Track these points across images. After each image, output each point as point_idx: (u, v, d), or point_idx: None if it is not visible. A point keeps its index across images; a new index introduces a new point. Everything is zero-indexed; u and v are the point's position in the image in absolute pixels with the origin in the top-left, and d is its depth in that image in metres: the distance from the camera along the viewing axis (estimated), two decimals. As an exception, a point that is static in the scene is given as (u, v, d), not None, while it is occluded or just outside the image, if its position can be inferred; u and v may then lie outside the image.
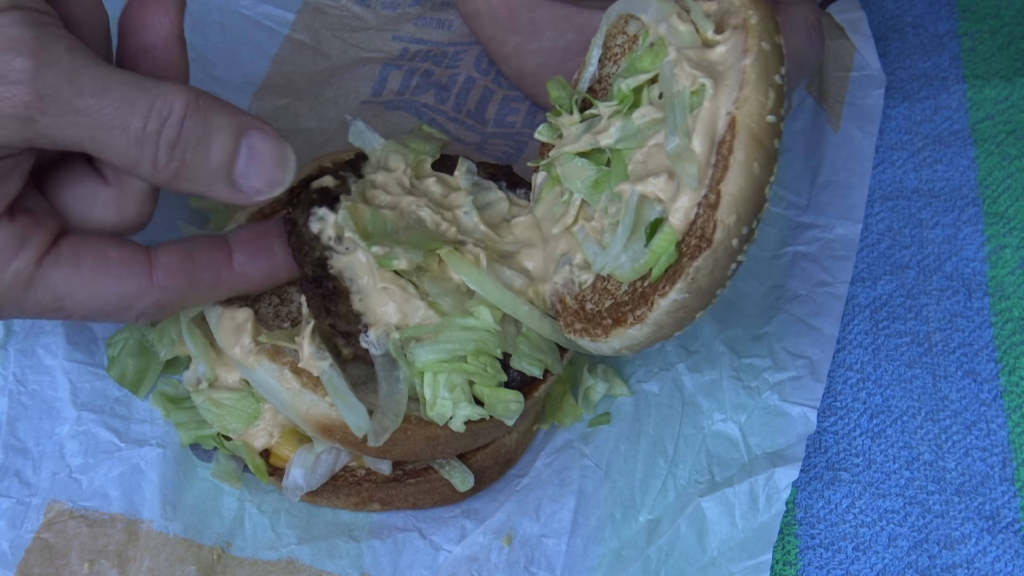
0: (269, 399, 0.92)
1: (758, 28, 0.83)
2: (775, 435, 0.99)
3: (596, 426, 1.01)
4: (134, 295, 0.84)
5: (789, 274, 1.10)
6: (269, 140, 0.83)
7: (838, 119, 1.20)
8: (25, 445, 0.98)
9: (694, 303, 0.83)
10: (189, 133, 0.79)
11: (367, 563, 0.95)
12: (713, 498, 0.95)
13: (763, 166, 0.81)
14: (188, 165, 0.80)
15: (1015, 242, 1.14)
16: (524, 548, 0.95)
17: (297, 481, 0.93)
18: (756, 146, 0.80)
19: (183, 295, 0.85)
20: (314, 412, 0.89)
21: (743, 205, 0.80)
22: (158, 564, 0.93)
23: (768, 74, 0.82)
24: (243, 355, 0.90)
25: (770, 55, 0.82)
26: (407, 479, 0.96)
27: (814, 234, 1.13)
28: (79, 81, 0.76)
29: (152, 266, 0.84)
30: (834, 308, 1.08)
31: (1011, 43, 1.29)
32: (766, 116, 0.81)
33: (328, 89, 1.24)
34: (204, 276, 0.86)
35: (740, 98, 0.81)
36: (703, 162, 0.82)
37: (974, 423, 1.04)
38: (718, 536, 0.94)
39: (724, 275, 0.83)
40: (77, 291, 0.82)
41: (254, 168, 0.82)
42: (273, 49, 1.26)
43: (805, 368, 1.03)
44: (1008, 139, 1.21)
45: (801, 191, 1.17)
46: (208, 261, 0.86)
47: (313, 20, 1.28)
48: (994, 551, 0.97)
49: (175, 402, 0.99)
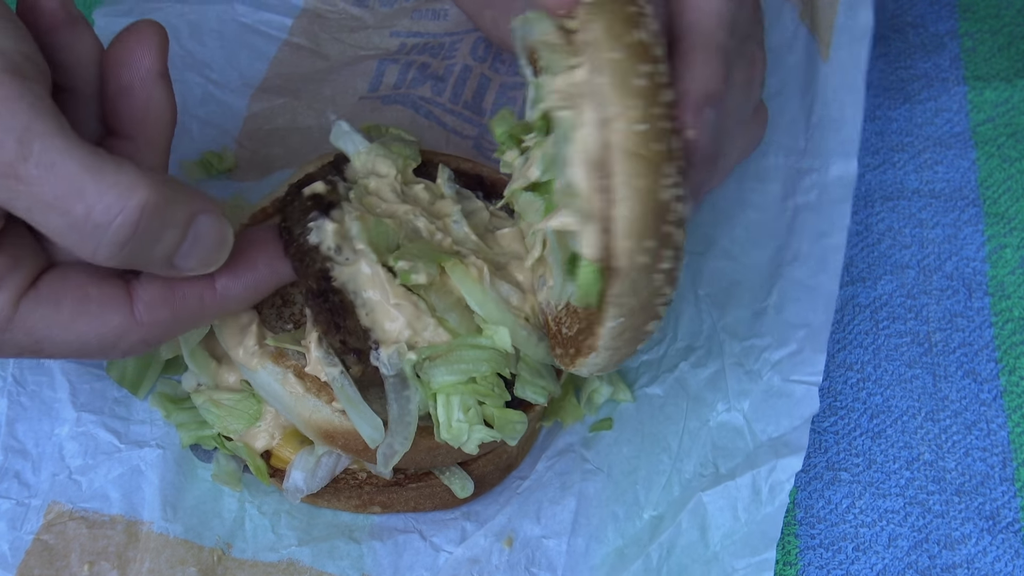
0: (271, 402, 0.92)
1: (603, 39, 0.79)
2: (779, 418, 0.98)
3: (598, 431, 1.01)
4: (116, 334, 0.81)
5: (791, 231, 1.09)
6: (214, 224, 0.79)
7: (827, 47, 1.16)
8: (24, 446, 0.98)
9: (635, 321, 0.83)
10: (142, 234, 0.74)
11: (368, 564, 0.95)
12: (714, 492, 0.94)
13: (647, 175, 0.78)
14: (131, 257, 0.76)
15: (1015, 242, 1.14)
16: (525, 549, 0.95)
17: (298, 483, 0.93)
18: (632, 161, 0.78)
19: (167, 328, 0.83)
20: (317, 417, 0.89)
21: (637, 224, 0.78)
22: (158, 565, 0.93)
23: (625, 83, 0.78)
24: (246, 357, 0.89)
25: (622, 61, 0.79)
26: (408, 483, 0.96)
27: (812, 180, 1.11)
28: (29, 146, 0.70)
29: (133, 302, 0.81)
30: (833, 262, 1.05)
31: (1012, 43, 1.29)
32: (633, 127, 0.78)
33: (326, 87, 1.24)
34: (187, 305, 0.83)
35: (604, 118, 0.78)
36: (587, 193, 0.80)
37: (974, 423, 1.04)
38: (721, 530, 0.93)
39: (653, 288, 0.82)
40: (56, 332, 0.79)
41: (195, 251, 0.79)
42: (271, 52, 1.26)
43: (806, 339, 1.01)
44: (1009, 141, 1.21)
45: (798, 134, 1.14)
46: (189, 288, 0.83)
47: (311, 24, 1.28)
48: (994, 551, 0.97)
49: (175, 402, 0.99)
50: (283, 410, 0.91)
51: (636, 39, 0.80)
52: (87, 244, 0.74)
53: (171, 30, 1.25)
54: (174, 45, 1.22)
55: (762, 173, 1.13)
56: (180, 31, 1.25)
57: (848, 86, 1.14)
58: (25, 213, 0.73)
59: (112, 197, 0.72)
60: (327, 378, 0.87)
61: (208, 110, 1.21)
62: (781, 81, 1.17)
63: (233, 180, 1.16)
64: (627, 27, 0.80)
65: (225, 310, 0.86)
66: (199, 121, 1.20)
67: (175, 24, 1.25)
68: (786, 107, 1.16)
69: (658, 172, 0.79)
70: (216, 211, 0.79)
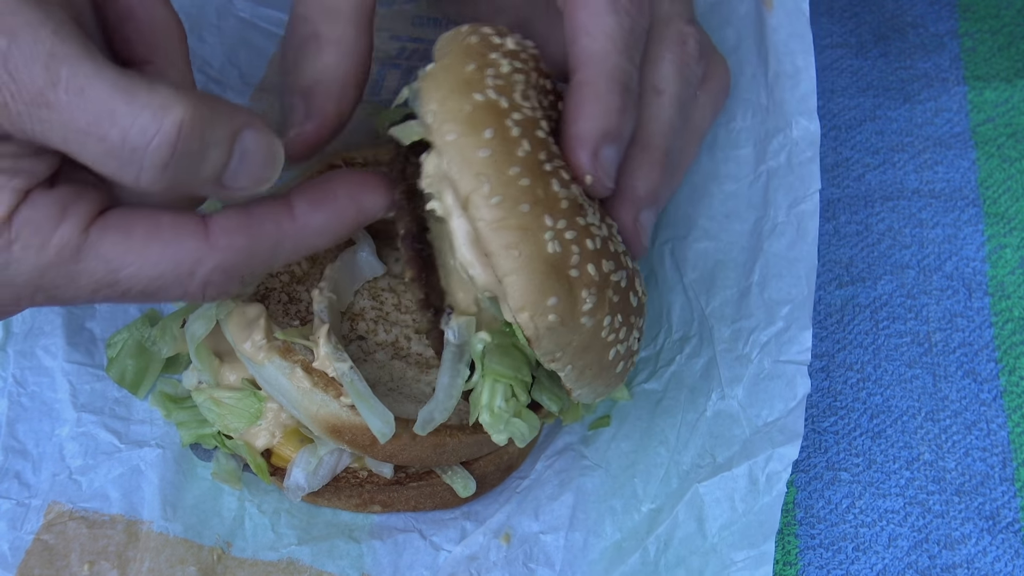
0: (276, 397, 0.92)
1: (436, 123, 0.79)
2: (772, 401, 0.96)
3: (596, 428, 1.01)
4: (193, 260, 0.77)
5: (765, 200, 1.06)
6: (262, 139, 0.77)
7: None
8: (25, 447, 0.98)
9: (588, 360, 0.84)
10: (182, 155, 0.71)
11: (367, 563, 0.95)
12: (711, 483, 0.93)
13: (521, 242, 0.78)
14: (176, 180, 0.73)
15: (1015, 242, 1.14)
16: (523, 545, 0.95)
17: (299, 481, 0.93)
18: (499, 235, 0.78)
19: (246, 255, 0.78)
20: (324, 413, 0.88)
21: (529, 293, 0.78)
22: (158, 565, 0.93)
23: (468, 160, 0.78)
24: (253, 351, 0.89)
25: (460, 139, 0.78)
26: (409, 482, 0.96)
27: (779, 141, 1.07)
28: (56, 72, 0.68)
29: (208, 228, 0.77)
30: (809, 230, 1.02)
31: (1012, 44, 1.29)
32: (490, 201, 0.77)
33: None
34: (265, 230, 0.78)
35: (461, 201, 0.78)
36: (480, 272, 0.80)
37: (974, 423, 1.04)
38: (718, 521, 0.92)
39: (583, 330, 0.82)
40: (130, 260, 0.75)
41: (244, 168, 0.76)
42: (270, 50, 1.26)
43: (791, 315, 0.99)
44: (1009, 142, 1.21)
45: (759, 89, 1.10)
46: (266, 213, 0.79)
47: None
48: (994, 551, 0.98)
49: (176, 401, 0.99)
50: (289, 405, 0.90)
51: (474, 105, 0.79)
52: (129, 170, 0.71)
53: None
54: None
55: (733, 137, 1.09)
56: None
57: (796, 35, 1.08)
58: (62, 144, 0.70)
59: (146, 118, 0.69)
60: (336, 373, 0.87)
61: (208, 109, 1.20)
62: (737, 34, 1.12)
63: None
64: (463, 95, 0.80)
65: (305, 242, 0.81)
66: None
67: None
68: (746, 62, 1.11)
69: (535, 232, 0.78)
70: (261, 125, 0.76)
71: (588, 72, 0.84)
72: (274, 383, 0.90)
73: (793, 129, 1.06)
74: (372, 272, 0.98)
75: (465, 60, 0.81)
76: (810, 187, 1.03)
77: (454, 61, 0.81)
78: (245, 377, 0.96)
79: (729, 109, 1.10)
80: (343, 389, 0.87)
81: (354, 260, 0.97)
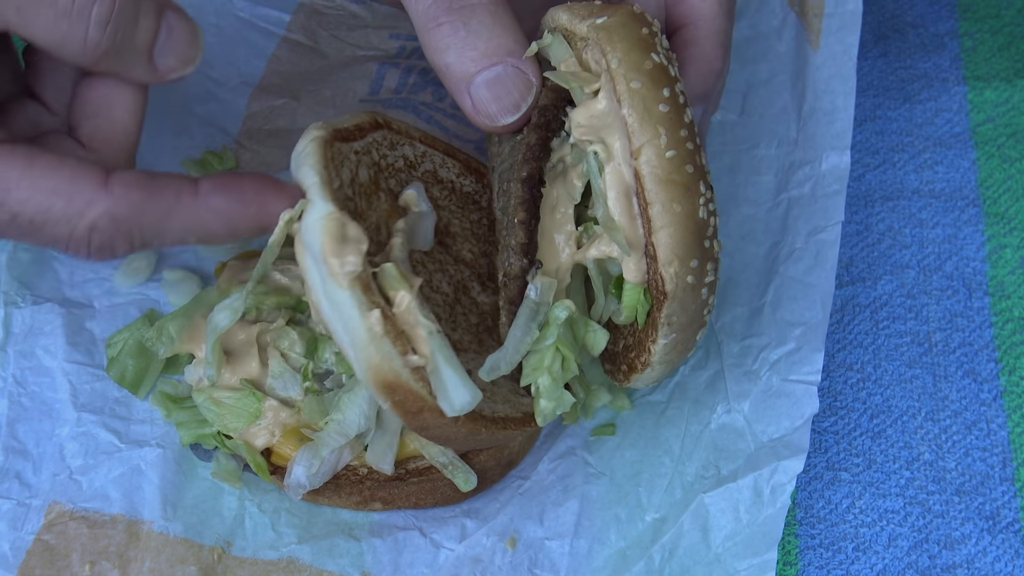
0: (335, 332, 0.85)
1: (622, 69, 0.81)
2: (779, 418, 0.98)
3: (599, 435, 1.01)
4: (86, 199, 0.79)
5: (784, 227, 1.09)
6: (183, 18, 0.84)
7: (818, 36, 1.16)
8: (25, 447, 0.98)
9: (686, 335, 0.86)
10: (122, 10, 0.78)
11: (368, 562, 0.95)
12: (716, 494, 0.94)
13: (683, 200, 0.81)
14: (117, 42, 0.80)
15: (1015, 242, 1.14)
16: (528, 551, 0.95)
17: (299, 479, 0.93)
18: (667, 188, 0.80)
19: (138, 211, 0.80)
20: (386, 366, 0.83)
21: (680, 248, 0.81)
22: (159, 565, 0.93)
23: (650, 111, 0.80)
24: (339, 271, 0.82)
25: (644, 90, 0.81)
26: (409, 478, 0.96)
27: (805, 173, 1.11)
28: None
29: (108, 177, 0.80)
30: (828, 258, 1.06)
31: (1012, 43, 1.29)
32: (665, 154, 0.80)
33: (325, 88, 1.23)
34: (163, 193, 0.81)
35: (633, 149, 0.81)
36: (627, 222, 0.83)
37: (974, 423, 1.04)
38: (722, 532, 0.93)
39: (701, 303, 0.84)
40: (25, 184, 0.78)
41: (171, 45, 0.83)
42: (269, 50, 1.26)
43: (803, 337, 1.01)
44: (1009, 142, 1.21)
45: (790, 123, 1.14)
46: (170, 181, 0.82)
47: (309, 20, 1.28)
48: (994, 551, 0.98)
49: (175, 401, 0.99)
50: (347, 343, 0.84)
51: (654, 64, 0.82)
52: (76, 32, 0.78)
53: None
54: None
55: (755, 164, 1.13)
56: None
57: (839, 76, 1.14)
58: (16, 15, 0.76)
59: None
60: (424, 331, 0.83)
61: (208, 109, 1.20)
62: (771, 69, 1.17)
63: (233, 179, 1.15)
64: (644, 52, 0.82)
65: (200, 218, 0.83)
66: (199, 119, 1.19)
67: None
68: (777, 96, 1.16)
69: (694, 194, 0.81)
70: (181, 11, 0.84)
71: (695, 32, 0.89)
72: (343, 315, 0.83)
73: (822, 163, 1.10)
74: (424, 244, 0.95)
75: (637, 23, 0.84)
76: (832, 218, 1.07)
77: (628, 20, 0.84)
78: (244, 377, 0.96)
79: (753, 135, 1.13)
80: (411, 347, 0.83)
81: (418, 225, 0.94)
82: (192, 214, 0.82)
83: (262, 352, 0.97)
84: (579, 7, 0.87)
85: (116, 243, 0.82)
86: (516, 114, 0.86)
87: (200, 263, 1.09)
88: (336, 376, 0.96)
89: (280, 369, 0.96)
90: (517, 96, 0.86)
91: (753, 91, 1.16)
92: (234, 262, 1.03)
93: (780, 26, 1.19)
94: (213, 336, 0.93)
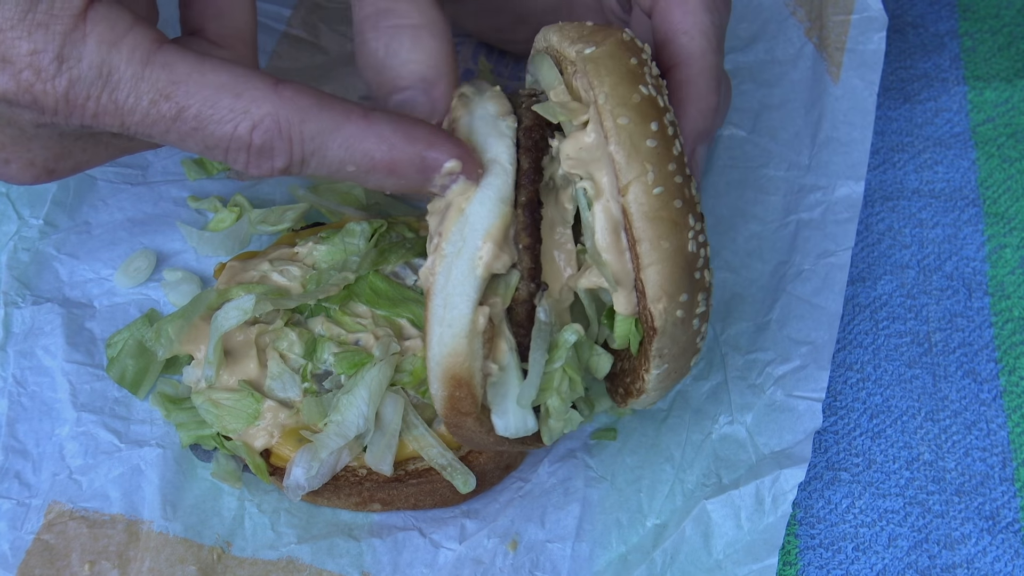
0: (432, 305, 0.84)
1: (608, 105, 0.80)
2: (782, 432, 0.99)
3: (600, 439, 1.01)
4: (253, 96, 0.78)
5: (792, 247, 1.10)
6: None
7: (839, 69, 1.17)
8: (25, 447, 0.98)
9: (678, 364, 0.85)
10: None
11: (367, 562, 0.95)
12: (718, 500, 0.95)
13: (671, 236, 0.80)
14: None
15: (1015, 242, 1.14)
16: (529, 553, 0.95)
17: (298, 480, 0.93)
18: (655, 225, 0.80)
19: (306, 118, 0.79)
20: (466, 361, 0.83)
21: (669, 284, 0.81)
22: (158, 564, 0.93)
23: (637, 148, 0.80)
24: (488, 258, 0.82)
25: (631, 125, 0.80)
26: (408, 479, 0.96)
27: (816, 198, 1.12)
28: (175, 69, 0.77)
29: (279, 83, 0.79)
30: (837, 281, 1.06)
31: (1011, 43, 1.29)
32: (652, 191, 0.80)
33: (326, 84, 1.24)
34: (334, 106, 0.79)
35: (620, 186, 0.80)
36: (614, 258, 0.82)
37: (974, 423, 1.04)
38: (724, 539, 0.94)
39: (692, 333, 0.84)
40: (194, 79, 0.78)
41: None
42: (270, 46, 1.26)
43: (809, 355, 1.02)
44: (1008, 141, 1.21)
45: (802, 149, 1.15)
46: (341, 102, 0.80)
47: (310, 15, 1.28)
48: (994, 551, 0.98)
49: (175, 402, 0.99)
50: (438, 322, 0.83)
51: (642, 97, 0.81)
52: None
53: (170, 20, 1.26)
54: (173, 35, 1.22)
55: (763, 183, 1.14)
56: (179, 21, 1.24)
57: (859, 110, 1.15)
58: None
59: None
60: (506, 346, 0.84)
61: (208, 108, 1.20)
62: (784, 94, 1.18)
63: (233, 180, 1.15)
64: (631, 86, 0.81)
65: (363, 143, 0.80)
66: (199, 119, 1.19)
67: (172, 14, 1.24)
68: (789, 121, 1.17)
69: (682, 228, 0.81)
70: None
71: (687, 71, 0.88)
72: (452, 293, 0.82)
73: (836, 190, 1.11)
74: None
75: (626, 52, 0.83)
76: (843, 244, 1.08)
77: (616, 51, 0.83)
78: (243, 378, 0.96)
79: (763, 155, 1.14)
80: (493, 357, 0.84)
81: None
82: (359, 134, 0.80)
83: (261, 353, 0.97)
84: (570, 29, 0.86)
85: (277, 148, 0.79)
86: None
87: (200, 264, 1.09)
88: (335, 377, 0.97)
89: (279, 370, 0.96)
90: None
91: (765, 112, 1.17)
92: (233, 263, 1.03)
93: (796, 55, 1.20)
94: (217, 334, 0.93)
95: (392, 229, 1.05)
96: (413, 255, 1.02)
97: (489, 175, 0.83)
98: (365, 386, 0.93)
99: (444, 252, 0.82)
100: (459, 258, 0.82)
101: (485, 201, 0.82)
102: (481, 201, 0.82)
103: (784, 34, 1.21)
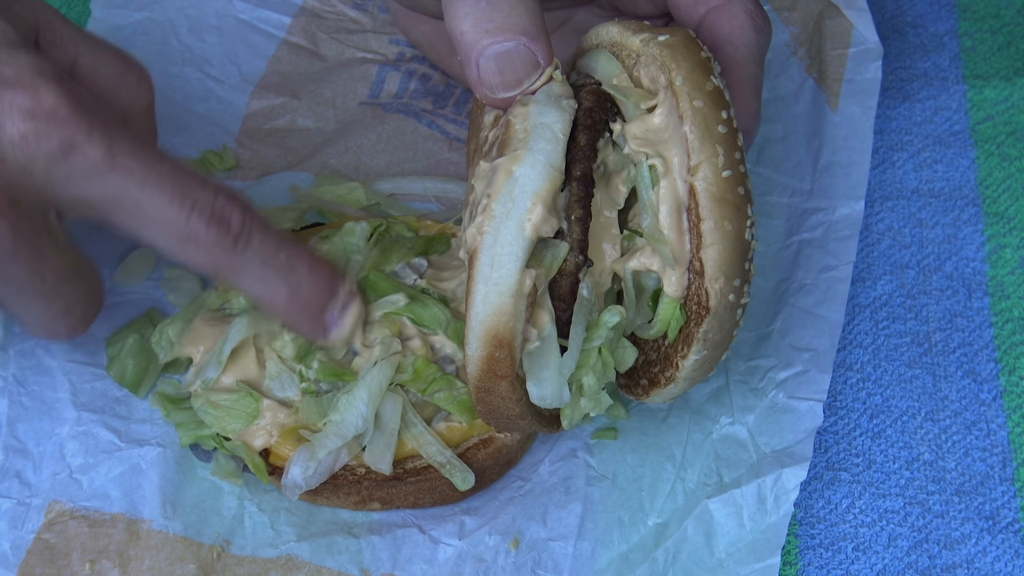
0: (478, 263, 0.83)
1: (685, 88, 0.83)
2: (783, 432, 0.99)
3: (600, 438, 1.01)
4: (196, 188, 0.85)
5: (795, 265, 1.11)
6: None
7: (837, 98, 1.21)
8: (25, 446, 0.98)
9: (715, 354, 0.87)
10: None
11: (366, 559, 0.95)
12: (720, 500, 0.95)
13: (734, 219, 0.82)
14: None
15: (1015, 242, 1.14)
16: (531, 551, 0.96)
17: (296, 480, 0.93)
18: (721, 206, 0.82)
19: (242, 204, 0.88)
20: (509, 322, 0.82)
21: (727, 265, 0.83)
22: (159, 563, 0.93)
23: (710, 130, 0.82)
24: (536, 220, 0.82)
25: (706, 109, 0.83)
26: (407, 477, 0.96)
27: (818, 219, 1.13)
28: None
29: None
30: (838, 293, 1.08)
31: (1011, 43, 1.29)
32: (721, 173, 0.82)
33: (326, 89, 1.24)
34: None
35: (691, 165, 0.82)
36: (675, 237, 0.84)
37: (974, 423, 1.04)
38: (726, 538, 0.94)
39: (734, 323, 0.86)
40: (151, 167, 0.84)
41: None
42: (270, 51, 1.26)
43: (811, 361, 1.03)
44: (1008, 140, 1.21)
45: (804, 176, 1.17)
46: None
47: (309, 24, 1.29)
48: (994, 551, 0.98)
49: (175, 402, 0.99)
50: (484, 280, 0.83)
51: (714, 86, 0.84)
52: None
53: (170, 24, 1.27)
54: (173, 40, 1.23)
55: (767, 208, 1.16)
56: (179, 25, 1.25)
57: (857, 134, 1.18)
58: None
59: None
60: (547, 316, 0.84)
61: (208, 106, 1.21)
62: (787, 127, 1.20)
63: (233, 179, 1.15)
64: (705, 74, 0.84)
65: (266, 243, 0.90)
66: (199, 117, 1.20)
67: (173, 18, 1.25)
68: (791, 151, 1.19)
69: (743, 215, 0.83)
70: None
71: (732, 76, 0.92)
72: (500, 253, 0.82)
73: (836, 210, 1.14)
74: None
75: (696, 45, 0.87)
76: (844, 259, 1.10)
77: (689, 41, 0.86)
78: (241, 379, 0.96)
79: (766, 184, 1.16)
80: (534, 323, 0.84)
81: None
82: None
83: (259, 354, 0.97)
84: (630, 24, 0.89)
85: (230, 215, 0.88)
86: (515, 90, 0.87)
87: (200, 263, 1.09)
88: (333, 377, 0.97)
89: (278, 370, 0.96)
90: (521, 73, 0.86)
91: (769, 146, 1.19)
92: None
93: (797, 90, 1.23)
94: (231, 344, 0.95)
95: (392, 229, 1.05)
96: (413, 255, 1.02)
97: (540, 140, 0.84)
98: (365, 387, 0.93)
99: (494, 212, 0.82)
100: (508, 218, 0.82)
101: (536, 164, 0.83)
102: (532, 164, 0.83)
103: (786, 72, 1.24)
